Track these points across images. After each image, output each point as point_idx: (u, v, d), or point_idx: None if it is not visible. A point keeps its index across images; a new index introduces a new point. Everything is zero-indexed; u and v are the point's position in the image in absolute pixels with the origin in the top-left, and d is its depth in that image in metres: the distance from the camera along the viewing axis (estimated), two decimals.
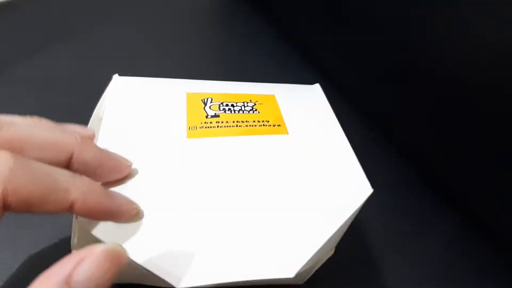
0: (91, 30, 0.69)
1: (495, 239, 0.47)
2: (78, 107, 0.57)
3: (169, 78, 0.45)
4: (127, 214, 0.30)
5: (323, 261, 0.39)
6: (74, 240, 0.34)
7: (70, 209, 0.27)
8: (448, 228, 0.49)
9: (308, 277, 0.41)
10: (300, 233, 0.32)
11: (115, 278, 0.24)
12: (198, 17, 0.80)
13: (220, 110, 0.41)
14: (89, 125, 0.39)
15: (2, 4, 0.74)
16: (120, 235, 0.30)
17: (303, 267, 0.30)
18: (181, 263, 0.29)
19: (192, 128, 0.38)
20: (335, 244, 0.37)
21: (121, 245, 0.27)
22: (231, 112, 0.41)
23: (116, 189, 0.32)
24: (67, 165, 0.30)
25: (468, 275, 0.45)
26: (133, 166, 0.34)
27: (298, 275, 0.30)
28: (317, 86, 0.47)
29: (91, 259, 0.23)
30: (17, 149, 0.27)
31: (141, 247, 0.30)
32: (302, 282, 0.41)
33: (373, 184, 0.35)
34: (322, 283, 0.41)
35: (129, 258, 0.28)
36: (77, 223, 0.34)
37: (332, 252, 0.39)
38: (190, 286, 0.28)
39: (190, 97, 0.42)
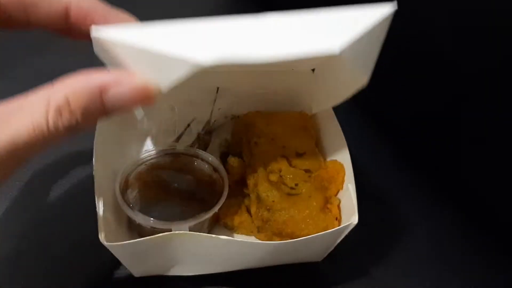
0: None
1: (496, 234, 0.48)
2: None
3: None
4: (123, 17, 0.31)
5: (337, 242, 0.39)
6: (101, 235, 0.34)
7: (66, 15, 0.29)
8: (447, 222, 0.50)
9: (326, 254, 0.42)
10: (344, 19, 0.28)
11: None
12: (201, 12, 0.82)
13: None
14: None
15: None
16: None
17: (350, 45, 0.27)
18: (201, 41, 0.26)
19: None
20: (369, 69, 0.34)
21: (153, 85, 0.26)
22: None
23: None
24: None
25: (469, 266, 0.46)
26: None
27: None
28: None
29: (127, 85, 0.25)
30: None
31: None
32: (321, 259, 0.42)
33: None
34: (339, 260, 0.43)
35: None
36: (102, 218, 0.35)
37: (364, 81, 0.35)
38: (212, 60, 0.24)
39: None
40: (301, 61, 0.30)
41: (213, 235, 0.33)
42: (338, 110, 0.47)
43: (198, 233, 0.34)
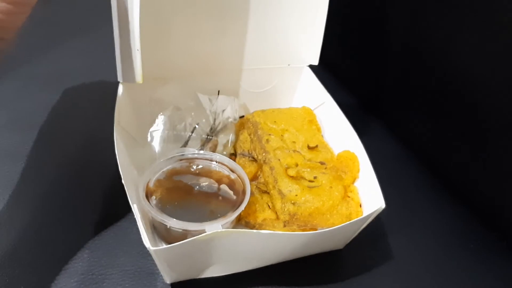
0: (101, 26, 0.69)
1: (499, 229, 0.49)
2: (87, 101, 0.60)
3: None
4: None
5: (361, 229, 0.41)
6: (146, 241, 0.33)
7: None
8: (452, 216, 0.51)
9: (348, 241, 0.43)
10: None
11: None
12: None
13: None
14: None
15: None
16: None
17: None
18: None
19: None
20: None
21: None
22: None
23: None
24: None
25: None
26: None
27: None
28: None
29: None
30: None
31: None
32: (342, 247, 0.43)
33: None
34: (359, 248, 0.44)
35: None
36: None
37: None
38: None
39: None
40: None
41: (255, 231, 0.34)
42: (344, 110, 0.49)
43: (244, 230, 0.34)
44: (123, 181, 0.37)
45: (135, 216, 0.35)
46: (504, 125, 0.45)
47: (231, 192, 0.43)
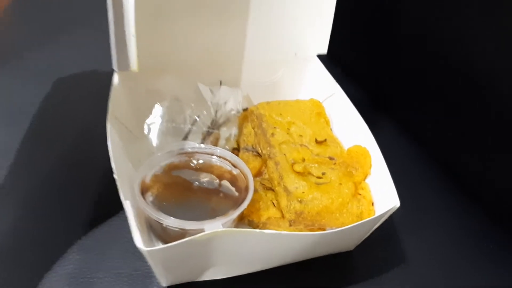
0: (93, 19, 0.67)
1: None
2: (80, 94, 0.58)
3: None
4: None
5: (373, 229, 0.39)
6: (139, 241, 0.31)
7: None
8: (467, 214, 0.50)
9: (359, 242, 0.41)
10: None
11: None
12: None
13: None
14: None
15: None
16: None
17: None
18: None
19: None
20: None
21: None
22: None
23: None
24: None
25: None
26: None
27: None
28: None
29: None
30: None
31: None
32: (353, 248, 0.41)
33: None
34: (370, 249, 0.42)
35: None
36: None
37: None
38: None
39: None
40: None
41: (258, 230, 0.31)
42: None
43: (246, 229, 0.32)
44: (115, 176, 0.34)
45: (126, 214, 0.32)
46: None
47: (233, 189, 0.40)
